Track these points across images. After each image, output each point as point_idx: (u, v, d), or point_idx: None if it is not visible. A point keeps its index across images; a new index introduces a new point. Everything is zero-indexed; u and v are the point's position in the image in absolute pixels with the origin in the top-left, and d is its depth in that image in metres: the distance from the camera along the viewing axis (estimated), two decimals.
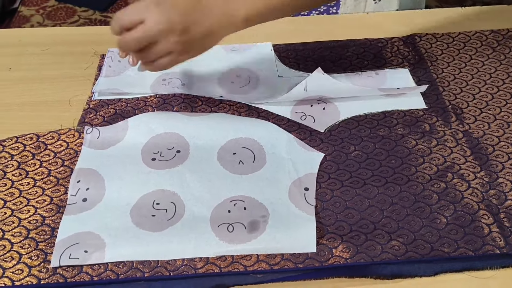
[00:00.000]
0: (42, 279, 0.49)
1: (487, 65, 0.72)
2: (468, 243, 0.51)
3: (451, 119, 0.64)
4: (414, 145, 0.61)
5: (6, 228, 0.54)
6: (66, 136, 0.63)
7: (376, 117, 0.65)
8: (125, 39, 0.54)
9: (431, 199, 0.55)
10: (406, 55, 0.74)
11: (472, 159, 0.59)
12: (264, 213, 0.54)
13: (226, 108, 0.67)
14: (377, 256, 0.50)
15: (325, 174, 0.58)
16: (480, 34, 0.77)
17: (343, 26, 0.81)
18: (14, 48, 0.77)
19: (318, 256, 0.51)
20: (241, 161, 0.60)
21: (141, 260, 0.51)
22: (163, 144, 0.61)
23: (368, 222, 0.53)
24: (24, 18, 1.93)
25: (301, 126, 0.64)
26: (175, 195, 0.56)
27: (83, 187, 0.57)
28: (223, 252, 0.51)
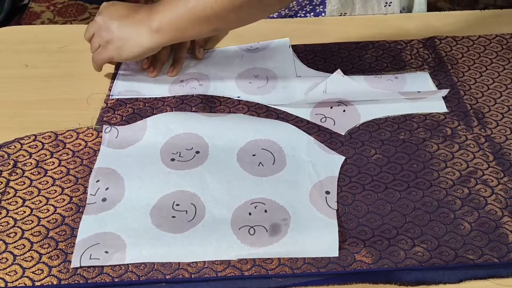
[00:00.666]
0: (63, 280, 0.49)
1: (508, 69, 0.72)
2: (492, 250, 0.51)
3: (473, 124, 0.64)
4: (436, 150, 0.61)
5: (25, 227, 0.53)
6: (84, 135, 0.63)
7: (397, 121, 0.64)
8: None
9: (454, 204, 0.55)
10: (426, 57, 0.73)
11: (495, 165, 0.59)
12: (285, 216, 0.53)
13: (245, 109, 0.66)
14: (400, 262, 0.50)
15: (346, 177, 0.58)
16: (500, 37, 0.76)
17: (361, 27, 0.80)
18: (30, 45, 0.77)
19: (341, 261, 0.50)
20: (260, 163, 0.59)
21: (162, 261, 0.50)
22: (182, 145, 0.61)
23: (391, 227, 0.53)
24: (35, 14, 1.93)
25: (320, 129, 0.64)
26: (195, 196, 0.55)
27: (103, 186, 0.56)
28: (244, 255, 0.50)
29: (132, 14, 0.63)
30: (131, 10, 0.64)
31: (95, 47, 0.66)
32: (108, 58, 0.65)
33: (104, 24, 0.64)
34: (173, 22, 0.60)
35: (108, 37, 0.64)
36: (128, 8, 0.65)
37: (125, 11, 0.64)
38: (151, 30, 0.61)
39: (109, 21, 0.63)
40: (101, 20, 0.64)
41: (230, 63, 0.73)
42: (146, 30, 0.61)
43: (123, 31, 0.63)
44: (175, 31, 0.61)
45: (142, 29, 0.62)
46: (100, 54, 0.66)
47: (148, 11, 0.62)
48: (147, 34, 0.61)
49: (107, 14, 0.65)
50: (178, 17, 0.60)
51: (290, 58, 0.73)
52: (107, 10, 0.65)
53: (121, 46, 0.63)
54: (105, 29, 0.64)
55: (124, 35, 0.63)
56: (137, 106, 0.67)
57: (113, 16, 0.64)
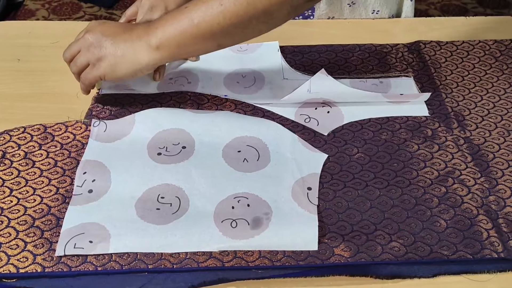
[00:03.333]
0: (47, 268, 0.50)
1: (490, 74, 0.73)
2: (466, 247, 0.52)
3: (453, 125, 0.65)
4: (416, 150, 0.62)
5: (12, 216, 0.54)
6: (73, 128, 0.64)
7: (380, 121, 0.66)
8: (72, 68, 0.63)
9: (431, 202, 0.56)
10: (411, 61, 0.75)
11: (472, 165, 0.60)
12: (267, 211, 0.55)
13: (232, 107, 0.67)
14: (377, 256, 0.51)
15: (328, 174, 0.59)
16: (483, 43, 0.78)
17: (349, 30, 0.82)
18: (23, 40, 0.78)
19: (319, 254, 0.51)
20: (245, 159, 0.60)
21: (145, 252, 0.51)
22: (169, 140, 0.62)
23: (369, 223, 0.54)
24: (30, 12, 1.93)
25: (305, 127, 0.65)
26: (180, 190, 0.57)
27: (89, 178, 0.58)
28: (226, 247, 0.51)
29: (127, 31, 0.59)
30: (126, 28, 0.60)
31: (80, 66, 0.61)
32: (99, 76, 0.60)
33: (96, 41, 0.59)
34: (175, 38, 0.57)
35: (100, 54, 0.59)
36: (123, 26, 0.61)
37: (120, 28, 0.60)
38: (150, 46, 0.57)
39: (102, 37, 0.59)
40: (91, 37, 0.60)
41: (219, 63, 0.74)
42: (144, 46, 0.58)
43: (118, 48, 0.58)
44: (177, 47, 0.57)
45: (140, 46, 0.58)
46: (90, 73, 0.61)
47: (146, 27, 0.58)
48: (145, 50, 0.58)
49: (99, 31, 0.60)
50: (181, 33, 0.56)
51: (278, 61, 0.75)
52: (98, 27, 0.61)
53: (116, 64, 0.59)
54: (96, 46, 0.59)
55: (119, 51, 0.58)
56: (126, 101, 0.68)
57: (106, 32, 0.60)
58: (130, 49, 0.58)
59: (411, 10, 0.88)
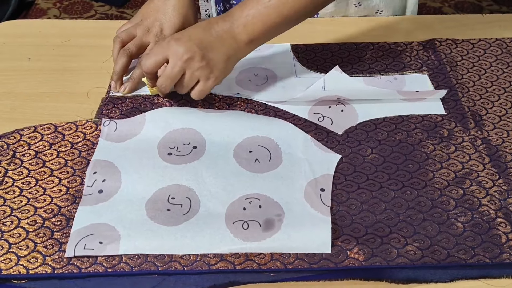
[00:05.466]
0: (57, 269, 0.50)
1: (507, 72, 0.72)
2: (485, 251, 0.51)
3: (470, 126, 0.64)
4: (432, 150, 0.61)
5: (22, 216, 0.54)
6: (83, 127, 0.63)
7: (394, 121, 0.65)
8: (161, 81, 0.62)
9: (448, 205, 0.55)
10: (426, 59, 0.74)
11: (490, 167, 0.59)
12: (279, 212, 0.54)
13: (243, 106, 0.66)
14: (392, 260, 0.50)
15: (342, 175, 0.58)
16: (500, 41, 0.76)
17: (361, 28, 0.80)
18: (34, 39, 0.78)
19: (333, 257, 0.50)
20: (257, 159, 0.59)
21: (156, 253, 0.51)
22: (179, 140, 0.61)
23: (384, 225, 0.53)
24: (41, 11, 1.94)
25: (318, 127, 0.64)
26: (191, 191, 0.56)
27: (99, 178, 0.57)
28: (237, 249, 0.51)
29: (214, 34, 0.60)
30: (211, 32, 0.61)
31: (191, 84, 0.62)
32: (210, 88, 0.62)
33: (194, 54, 0.59)
34: (265, 31, 0.61)
35: (209, 69, 0.60)
36: (203, 30, 0.61)
37: (205, 34, 0.60)
38: (243, 43, 0.61)
39: (197, 49, 0.59)
40: (185, 49, 0.59)
41: None
42: (239, 44, 0.61)
43: (219, 54, 0.60)
44: (265, 38, 0.63)
45: (236, 45, 0.61)
46: (203, 88, 0.62)
47: (229, 28, 0.60)
48: (241, 48, 0.61)
49: (189, 39, 0.60)
50: (270, 26, 0.61)
51: (290, 60, 0.74)
52: (185, 36, 0.60)
53: (223, 70, 0.62)
54: (198, 60, 0.60)
55: (221, 57, 0.61)
56: (137, 100, 0.67)
57: (197, 41, 0.60)
58: (231, 51, 0.61)
59: (415, 9, 0.87)
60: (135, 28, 0.69)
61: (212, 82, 0.62)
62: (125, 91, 0.67)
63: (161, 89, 0.63)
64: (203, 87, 0.62)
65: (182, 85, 0.62)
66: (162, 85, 0.62)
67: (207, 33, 0.61)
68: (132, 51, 0.68)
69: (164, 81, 0.61)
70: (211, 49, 0.60)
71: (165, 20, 0.69)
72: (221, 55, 0.61)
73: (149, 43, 0.69)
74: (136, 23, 0.70)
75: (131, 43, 0.69)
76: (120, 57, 0.68)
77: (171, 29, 0.69)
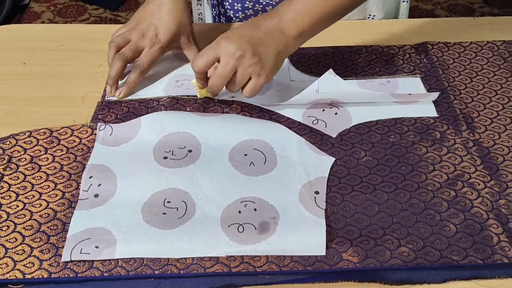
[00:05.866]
0: (53, 273, 0.50)
1: (498, 75, 0.73)
2: (477, 252, 0.51)
3: (461, 128, 0.65)
4: (424, 153, 0.62)
5: (18, 221, 0.54)
6: (79, 132, 0.63)
7: (387, 124, 0.65)
8: (213, 81, 0.62)
9: (440, 206, 0.56)
10: (418, 62, 0.74)
11: (482, 168, 0.60)
12: (274, 215, 0.54)
13: (238, 110, 0.67)
14: (386, 262, 0.51)
15: (336, 178, 0.59)
16: (492, 44, 0.77)
17: (354, 32, 0.81)
18: (29, 43, 0.78)
19: (327, 259, 0.51)
20: (252, 163, 0.60)
21: (152, 257, 0.51)
22: (175, 143, 0.62)
23: (378, 227, 0.54)
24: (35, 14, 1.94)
25: (312, 130, 0.64)
26: (186, 194, 0.56)
27: (95, 183, 0.57)
28: (233, 252, 0.51)
29: (263, 31, 0.61)
30: (259, 28, 0.61)
31: (243, 82, 0.61)
32: (262, 85, 0.62)
33: (245, 52, 0.59)
34: (313, 26, 0.62)
35: (260, 65, 0.60)
36: (252, 27, 0.61)
37: (254, 30, 0.61)
38: (292, 37, 0.62)
39: (248, 45, 0.59)
40: (235, 47, 0.59)
41: None
42: (288, 39, 0.62)
43: (270, 50, 0.60)
44: (313, 32, 0.64)
45: (285, 40, 0.61)
46: (254, 85, 0.61)
47: (278, 24, 0.61)
48: (290, 42, 0.62)
49: (239, 37, 0.60)
50: (317, 21, 0.62)
51: (284, 64, 0.74)
52: (234, 34, 0.60)
53: (274, 66, 0.62)
54: (249, 56, 0.59)
55: (272, 53, 0.61)
56: (132, 105, 0.68)
57: (246, 38, 0.60)
58: (280, 46, 0.61)
59: (406, 12, 0.88)
60: (130, 33, 0.70)
61: (264, 79, 0.62)
62: (120, 95, 0.68)
63: (213, 88, 0.62)
64: (255, 84, 0.62)
65: (233, 84, 0.62)
66: (214, 85, 0.62)
67: (256, 30, 0.61)
68: (127, 56, 0.69)
69: (216, 80, 0.61)
70: (261, 45, 0.60)
71: (160, 24, 0.69)
72: (272, 50, 0.61)
73: (144, 47, 0.69)
74: (131, 27, 0.71)
75: (126, 47, 0.69)
76: (115, 62, 0.68)
77: (166, 33, 0.69)
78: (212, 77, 0.62)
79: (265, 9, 0.84)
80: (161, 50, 0.70)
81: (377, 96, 0.67)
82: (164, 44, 0.70)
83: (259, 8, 0.84)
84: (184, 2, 0.71)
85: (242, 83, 0.62)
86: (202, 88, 0.65)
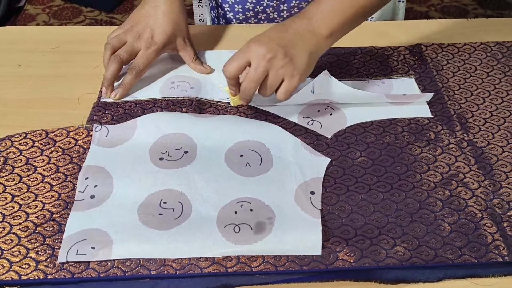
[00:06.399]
0: (49, 274, 0.50)
1: (492, 76, 0.73)
2: (471, 251, 0.52)
3: (455, 128, 0.65)
4: (419, 153, 0.62)
5: (13, 223, 0.54)
6: (75, 133, 0.63)
7: (382, 124, 0.66)
8: (244, 86, 0.61)
9: (435, 206, 0.56)
10: (412, 64, 0.75)
11: (476, 168, 0.60)
12: (270, 215, 0.54)
13: (234, 110, 0.67)
14: (381, 261, 0.51)
15: (331, 178, 0.59)
16: (485, 45, 0.78)
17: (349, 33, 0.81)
18: (24, 45, 0.78)
19: (323, 259, 0.51)
20: (248, 163, 0.60)
21: (148, 258, 0.51)
22: (171, 144, 0.62)
23: (373, 227, 0.54)
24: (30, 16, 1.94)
25: (307, 131, 0.65)
26: (183, 195, 0.56)
27: (91, 184, 0.57)
28: (229, 252, 0.51)
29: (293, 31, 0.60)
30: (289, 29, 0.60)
31: (275, 86, 0.61)
32: (295, 87, 0.61)
33: (276, 53, 0.59)
34: (342, 25, 0.63)
35: (293, 66, 0.60)
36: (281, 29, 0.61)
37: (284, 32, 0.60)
38: (323, 37, 0.62)
39: (279, 47, 0.59)
40: (266, 49, 0.58)
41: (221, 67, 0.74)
42: (319, 39, 0.61)
43: (302, 51, 0.60)
44: (342, 32, 0.64)
45: (316, 40, 0.61)
46: (288, 87, 0.60)
47: (307, 24, 0.61)
48: (321, 42, 0.62)
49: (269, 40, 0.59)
50: (345, 21, 0.62)
51: None
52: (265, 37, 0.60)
53: (307, 67, 0.61)
54: (281, 58, 0.59)
55: (304, 54, 0.60)
56: (128, 106, 0.68)
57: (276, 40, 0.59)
58: (312, 46, 0.61)
59: (403, 12, 0.89)
60: (125, 34, 0.70)
61: (297, 80, 0.61)
62: (116, 96, 0.68)
63: (246, 92, 0.62)
64: (288, 85, 0.61)
65: (266, 87, 0.61)
66: (246, 89, 0.61)
67: (286, 32, 0.61)
68: (123, 57, 0.69)
69: (248, 84, 0.61)
70: (292, 46, 0.60)
71: (156, 26, 0.70)
72: (303, 50, 0.60)
73: (140, 49, 0.70)
74: (126, 29, 0.71)
75: (122, 49, 0.69)
76: (111, 64, 0.68)
77: (162, 35, 0.70)
78: (244, 81, 0.61)
79: (265, 11, 0.84)
80: (156, 51, 0.70)
81: (372, 96, 0.67)
82: (160, 46, 0.70)
83: (260, 9, 0.84)
84: (179, 4, 0.71)
85: (275, 86, 0.61)
86: (234, 95, 0.65)
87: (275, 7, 0.84)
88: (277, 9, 0.84)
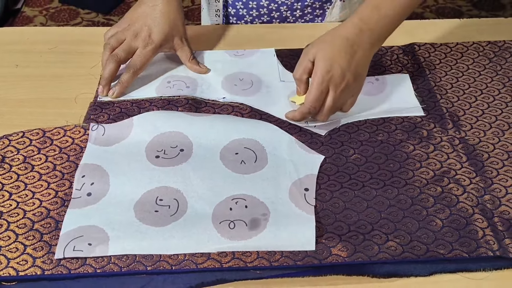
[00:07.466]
0: (46, 270, 0.50)
1: (484, 75, 0.74)
2: (462, 245, 0.53)
3: (448, 126, 0.66)
4: (411, 150, 0.63)
5: (11, 220, 0.55)
6: (71, 132, 0.64)
7: (376, 122, 0.67)
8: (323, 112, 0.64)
9: (427, 202, 0.57)
10: (405, 63, 0.76)
11: (468, 165, 0.61)
12: (265, 212, 0.55)
13: (229, 110, 0.68)
14: (374, 256, 0.52)
15: (325, 175, 0.60)
16: (477, 45, 0.79)
17: None
18: (22, 46, 0.79)
19: (317, 254, 0.52)
20: (243, 161, 0.61)
21: (144, 254, 0.52)
22: (167, 143, 0.63)
23: (366, 222, 0.55)
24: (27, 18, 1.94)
25: (302, 129, 0.66)
26: (178, 192, 0.57)
27: (88, 181, 0.58)
28: (224, 248, 0.52)
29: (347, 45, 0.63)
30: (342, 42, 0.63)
31: (337, 108, 0.65)
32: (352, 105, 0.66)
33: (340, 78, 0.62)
34: (384, 34, 0.66)
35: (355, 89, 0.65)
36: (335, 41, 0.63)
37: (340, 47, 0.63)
38: (372, 45, 0.65)
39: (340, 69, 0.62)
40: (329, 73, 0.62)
41: (217, 67, 0.75)
42: (367, 50, 0.64)
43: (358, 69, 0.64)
44: (385, 39, 0.67)
45: (364, 51, 0.64)
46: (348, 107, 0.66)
47: (358, 34, 0.63)
48: (368, 51, 0.65)
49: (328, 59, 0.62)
50: (388, 28, 0.66)
51: (274, 65, 0.75)
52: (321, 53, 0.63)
53: (361, 83, 0.65)
54: (340, 75, 0.62)
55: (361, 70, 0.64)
56: (124, 105, 0.68)
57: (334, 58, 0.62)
58: (364, 60, 0.65)
59: None
60: (123, 33, 0.71)
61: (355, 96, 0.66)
62: (113, 95, 0.69)
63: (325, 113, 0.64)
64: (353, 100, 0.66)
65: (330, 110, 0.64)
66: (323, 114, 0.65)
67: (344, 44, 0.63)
68: (121, 57, 0.69)
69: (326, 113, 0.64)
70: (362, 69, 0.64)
71: (154, 25, 0.70)
72: (360, 69, 0.64)
73: (137, 47, 0.70)
74: (123, 28, 0.71)
75: (119, 48, 0.70)
76: (108, 63, 0.69)
77: (159, 34, 0.70)
78: (324, 109, 0.64)
79: (279, 9, 0.85)
80: (154, 50, 0.71)
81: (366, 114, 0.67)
82: (157, 45, 0.70)
83: (274, 7, 0.85)
84: (177, 3, 0.72)
85: (336, 108, 0.65)
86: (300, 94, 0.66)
87: (289, 5, 0.84)
88: (291, 7, 0.84)
